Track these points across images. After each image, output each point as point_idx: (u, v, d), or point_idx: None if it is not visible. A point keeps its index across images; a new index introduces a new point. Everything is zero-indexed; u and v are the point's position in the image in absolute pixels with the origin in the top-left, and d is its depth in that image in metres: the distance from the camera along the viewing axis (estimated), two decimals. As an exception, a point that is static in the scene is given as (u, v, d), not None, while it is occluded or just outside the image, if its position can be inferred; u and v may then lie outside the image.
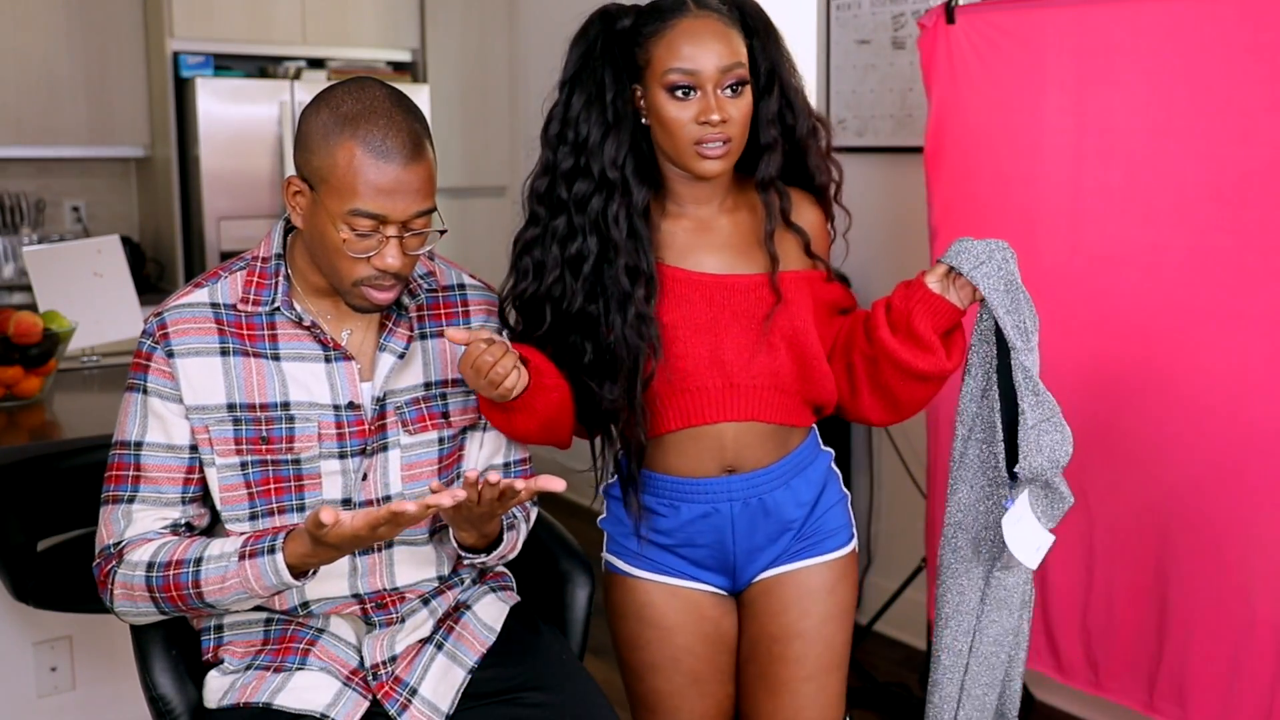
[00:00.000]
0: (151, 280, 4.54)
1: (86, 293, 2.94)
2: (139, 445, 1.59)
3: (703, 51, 1.63)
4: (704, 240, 1.75)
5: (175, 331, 1.59)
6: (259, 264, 1.65)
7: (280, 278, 1.63)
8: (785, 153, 1.76)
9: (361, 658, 1.67)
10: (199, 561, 1.53)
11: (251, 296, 1.62)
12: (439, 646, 1.71)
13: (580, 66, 1.71)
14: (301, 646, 1.65)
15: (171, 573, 1.53)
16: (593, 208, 1.70)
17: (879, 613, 3.28)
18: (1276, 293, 2.16)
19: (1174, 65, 2.26)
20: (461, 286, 1.77)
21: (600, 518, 1.89)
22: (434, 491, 1.45)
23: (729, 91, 1.64)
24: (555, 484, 1.45)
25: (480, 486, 1.49)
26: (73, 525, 2.35)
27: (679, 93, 1.64)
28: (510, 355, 1.57)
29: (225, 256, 4.33)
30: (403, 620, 1.69)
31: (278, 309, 1.62)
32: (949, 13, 2.59)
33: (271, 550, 1.50)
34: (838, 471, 1.91)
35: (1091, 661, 2.52)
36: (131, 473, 1.59)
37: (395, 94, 1.57)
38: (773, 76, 1.73)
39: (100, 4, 4.37)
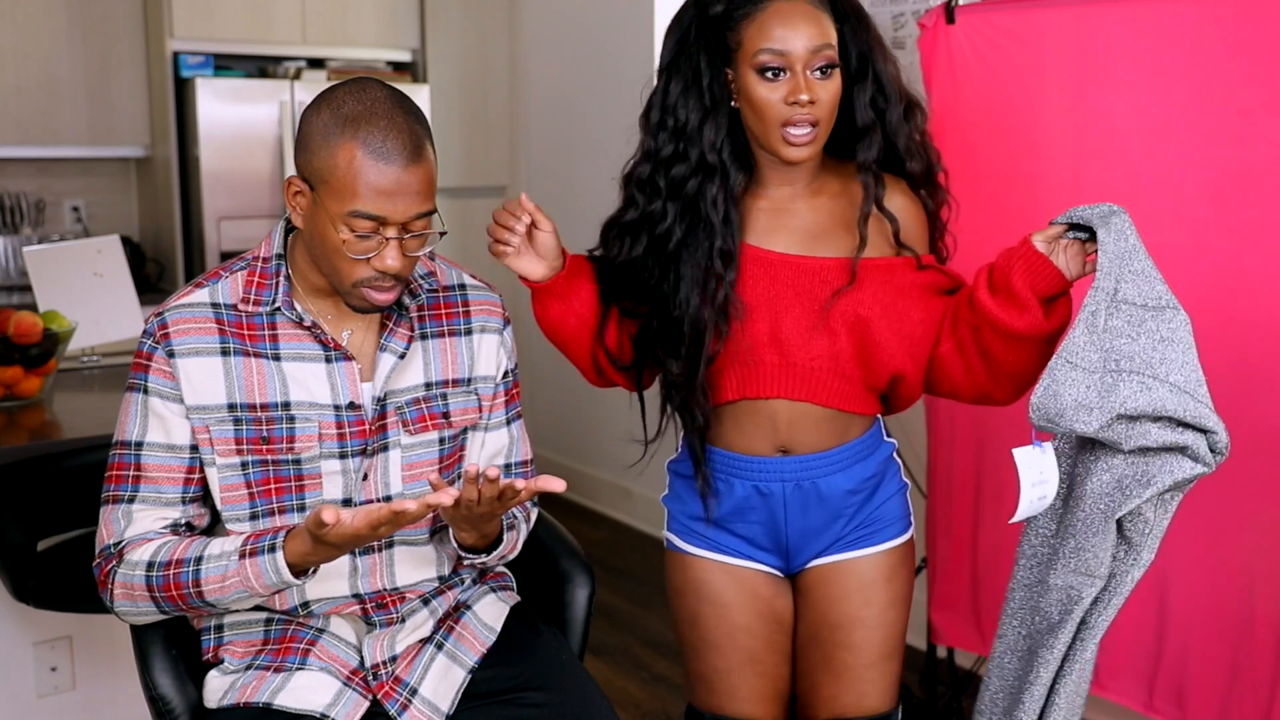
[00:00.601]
0: (151, 280, 4.54)
1: (86, 293, 2.94)
2: (139, 445, 1.59)
3: (793, 33, 1.65)
4: (779, 222, 1.78)
5: (176, 331, 1.59)
6: (259, 264, 1.65)
7: (281, 278, 1.63)
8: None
9: (362, 658, 1.67)
10: (199, 560, 1.53)
11: (252, 297, 1.62)
12: (439, 646, 1.71)
13: (677, 53, 1.75)
14: (301, 646, 1.65)
15: (171, 572, 1.53)
16: (688, 190, 1.74)
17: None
18: (1275, 292, 2.16)
19: (1174, 65, 2.26)
20: (462, 286, 1.77)
21: (663, 495, 1.94)
22: (434, 487, 1.45)
23: (818, 74, 1.67)
24: (555, 484, 1.46)
25: (480, 484, 1.49)
26: (73, 525, 2.35)
27: (769, 74, 1.67)
28: (518, 236, 1.74)
29: (225, 256, 4.34)
30: (403, 620, 1.69)
31: (278, 309, 1.62)
32: (949, 13, 2.59)
33: (272, 549, 1.50)
34: (900, 462, 1.92)
35: (1091, 661, 2.52)
36: (132, 473, 1.59)
37: (396, 95, 1.57)
38: (865, 62, 1.75)
39: (100, 4, 4.37)
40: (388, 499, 1.67)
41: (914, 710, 3.02)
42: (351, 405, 1.63)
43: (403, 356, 1.67)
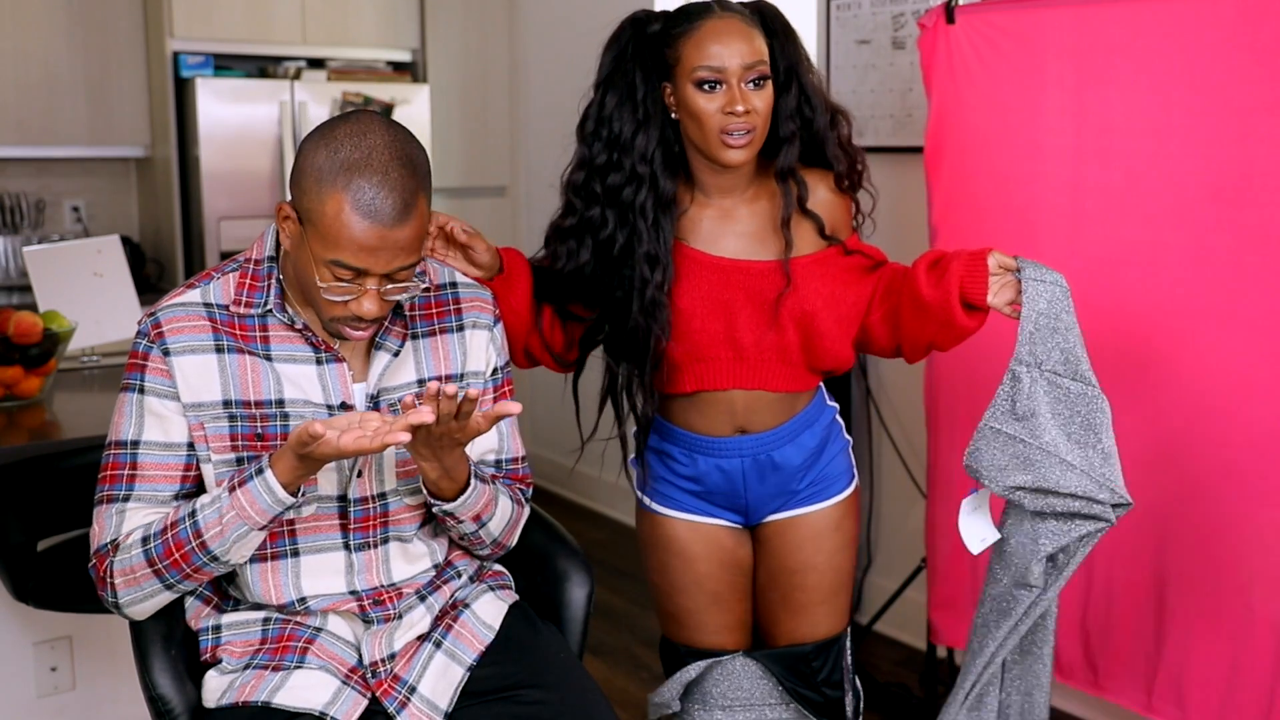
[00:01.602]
0: (151, 280, 4.54)
1: (86, 293, 2.94)
2: (135, 444, 1.60)
3: (727, 49, 1.80)
4: (726, 228, 1.93)
5: (170, 330, 1.60)
6: (251, 266, 1.65)
7: (272, 280, 1.63)
8: (805, 143, 1.92)
9: (360, 656, 1.67)
10: (192, 514, 1.54)
11: (244, 299, 1.62)
12: (437, 645, 1.71)
13: (613, 69, 1.89)
14: (299, 645, 1.65)
15: (169, 535, 1.55)
16: (624, 198, 1.87)
17: (879, 613, 3.28)
18: (1276, 292, 2.16)
19: (1174, 65, 2.26)
20: (454, 285, 1.78)
21: (630, 458, 2.10)
22: (405, 408, 1.49)
23: (752, 85, 1.81)
24: (513, 406, 1.54)
25: (440, 399, 1.48)
26: (73, 525, 2.35)
27: (706, 86, 1.81)
28: (456, 231, 1.88)
29: (225, 256, 4.33)
30: (400, 617, 1.69)
31: (269, 311, 1.62)
32: (949, 13, 2.59)
33: (260, 472, 1.52)
34: (841, 422, 2.12)
35: (1090, 662, 2.52)
36: (127, 472, 1.60)
37: (397, 141, 1.54)
38: (791, 74, 1.90)
39: (100, 4, 4.37)
40: (382, 496, 1.68)
41: (914, 710, 3.02)
42: (343, 405, 1.64)
43: (397, 354, 1.68)
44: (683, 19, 1.84)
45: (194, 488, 1.62)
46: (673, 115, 1.87)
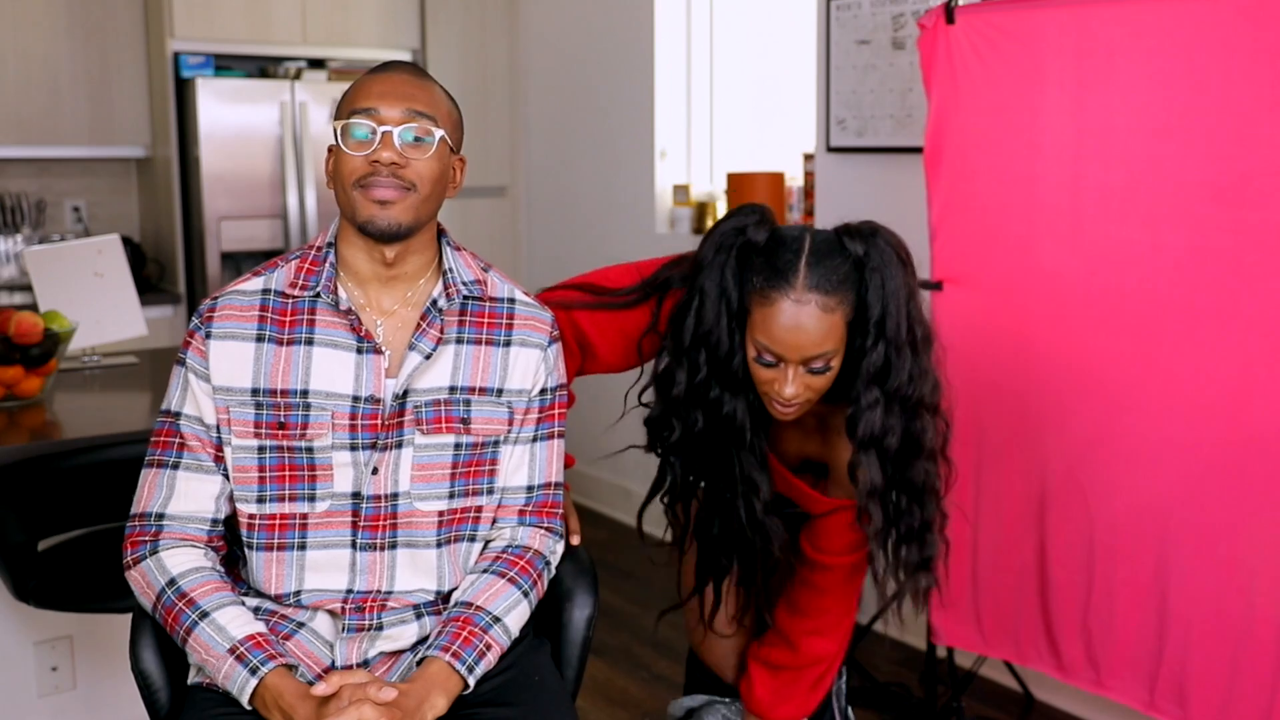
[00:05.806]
0: (152, 280, 4.54)
1: (87, 293, 2.94)
2: (178, 415, 1.67)
3: (791, 341, 1.71)
4: (789, 425, 1.96)
5: (220, 316, 1.66)
6: (313, 251, 1.71)
7: (327, 264, 1.68)
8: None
9: (334, 659, 1.66)
10: (204, 615, 1.59)
11: (300, 281, 1.68)
12: (420, 661, 1.66)
13: (717, 277, 1.79)
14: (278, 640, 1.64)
15: (179, 605, 1.60)
16: (726, 410, 1.86)
17: (879, 613, 3.27)
18: (1276, 292, 2.17)
19: (1174, 65, 2.26)
20: (512, 300, 1.76)
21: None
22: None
23: (811, 371, 1.74)
24: (386, 694, 1.52)
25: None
26: (73, 525, 2.35)
27: (763, 359, 1.75)
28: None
29: (225, 256, 4.34)
30: (380, 628, 1.67)
31: (320, 294, 1.66)
32: (949, 13, 2.59)
33: (254, 671, 1.55)
34: None
35: (1092, 660, 2.52)
36: (177, 440, 1.66)
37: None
38: (880, 331, 1.75)
39: (101, 4, 4.37)
40: (394, 496, 1.66)
41: (914, 710, 3.02)
42: (371, 398, 1.65)
43: (428, 357, 1.67)
44: (769, 273, 1.73)
45: (225, 469, 1.66)
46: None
